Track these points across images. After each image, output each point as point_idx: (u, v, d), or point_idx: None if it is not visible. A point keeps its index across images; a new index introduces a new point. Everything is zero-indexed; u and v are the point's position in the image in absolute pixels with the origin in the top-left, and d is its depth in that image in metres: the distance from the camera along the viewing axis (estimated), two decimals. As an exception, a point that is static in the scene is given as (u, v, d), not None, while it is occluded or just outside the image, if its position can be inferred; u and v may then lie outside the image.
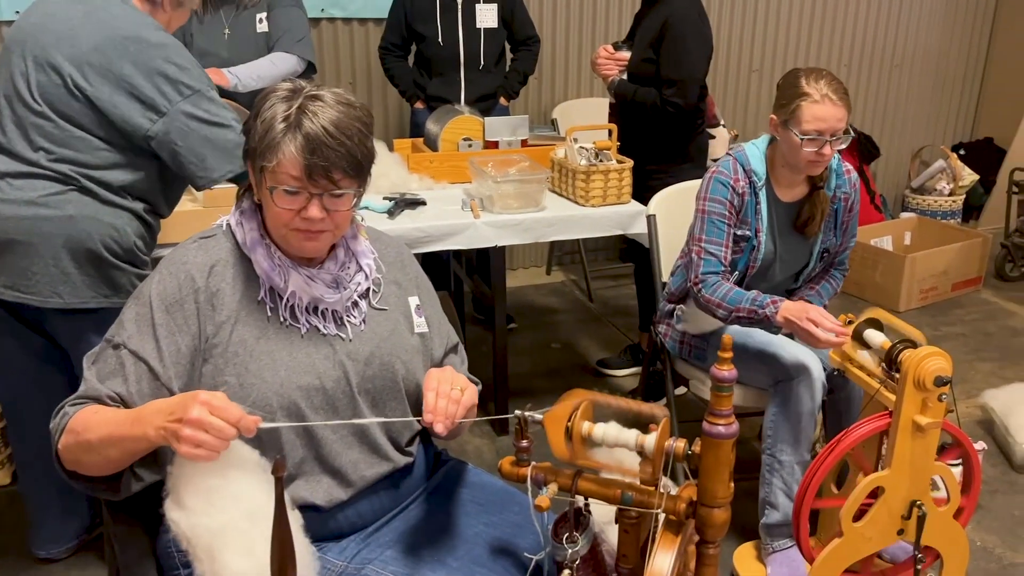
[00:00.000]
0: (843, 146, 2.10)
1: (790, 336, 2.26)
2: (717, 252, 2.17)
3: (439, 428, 1.23)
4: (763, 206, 2.20)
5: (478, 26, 3.44)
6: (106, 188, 1.88)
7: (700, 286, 2.17)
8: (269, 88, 1.33)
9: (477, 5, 3.43)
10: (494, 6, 3.45)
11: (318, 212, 1.29)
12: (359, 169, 1.32)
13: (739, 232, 2.20)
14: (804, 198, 2.24)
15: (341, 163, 1.28)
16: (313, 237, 1.33)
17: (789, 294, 2.36)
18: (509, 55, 3.68)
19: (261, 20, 3.04)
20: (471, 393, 1.31)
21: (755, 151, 2.22)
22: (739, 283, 2.25)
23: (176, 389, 1.28)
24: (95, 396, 1.28)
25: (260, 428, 1.17)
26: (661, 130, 2.98)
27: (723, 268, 2.17)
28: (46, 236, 1.83)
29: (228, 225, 1.40)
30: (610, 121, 3.18)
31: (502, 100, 3.61)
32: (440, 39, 3.43)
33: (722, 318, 2.16)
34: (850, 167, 2.30)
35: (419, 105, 3.58)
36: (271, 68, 2.97)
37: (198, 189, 2.01)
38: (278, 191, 1.28)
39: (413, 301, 1.52)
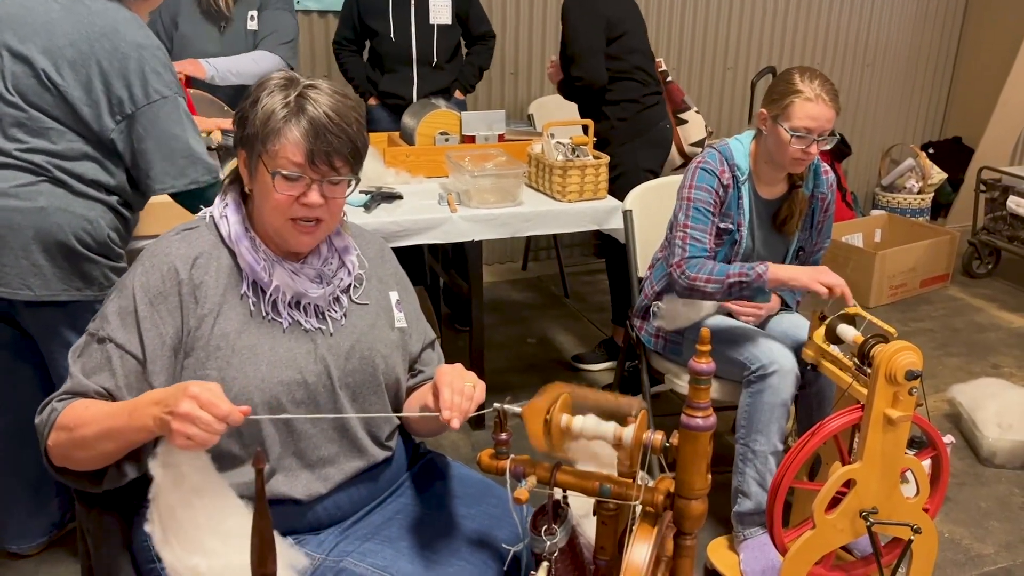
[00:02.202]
0: (828, 146, 2.14)
1: (761, 326, 2.29)
2: (702, 238, 2.18)
3: (455, 424, 1.24)
4: (745, 200, 2.23)
5: (431, 22, 3.40)
6: (79, 180, 1.86)
7: (684, 266, 2.16)
8: (263, 78, 1.34)
9: (431, 1, 3.39)
10: (448, 2, 3.41)
11: (318, 198, 1.30)
12: (357, 156, 1.34)
13: (721, 225, 2.22)
14: (783, 196, 2.28)
15: (343, 149, 1.30)
16: (310, 231, 1.34)
17: None
18: (465, 51, 3.65)
19: (252, 18, 3.00)
20: (481, 389, 1.31)
21: (739, 146, 2.24)
22: None
23: (157, 384, 1.27)
24: (82, 391, 1.27)
25: (248, 419, 1.17)
26: (591, 112, 3.13)
27: (708, 254, 2.18)
28: (16, 227, 1.80)
29: (211, 217, 1.39)
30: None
31: (458, 94, 3.58)
32: (392, 35, 3.39)
33: (713, 292, 2.14)
34: (827, 168, 2.33)
35: (372, 101, 3.54)
36: (251, 65, 2.94)
37: (147, 195, 1.96)
38: (278, 176, 1.28)
39: (393, 296, 1.52)
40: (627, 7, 3.15)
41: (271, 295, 1.35)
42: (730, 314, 2.32)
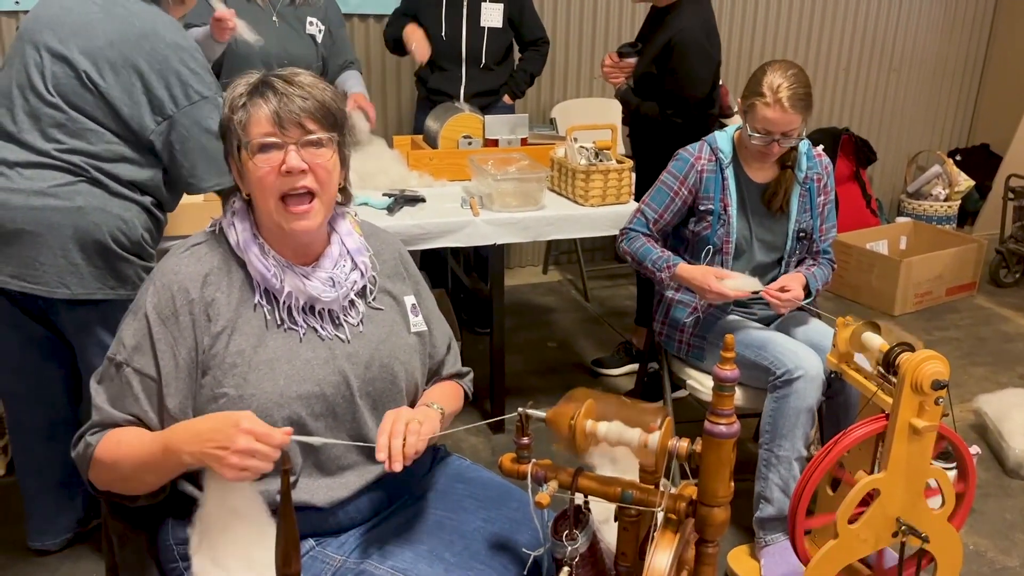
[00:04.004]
0: (790, 144, 2.22)
1: (786, 332, 2.27)
2: (650, 215, 2.37)
3: (396, 466, 1.25)
4: (730, 182, 2.31)
5: (482, 24, 3.43)
6: (116, 181, 1.89)
7: (623, 238, 2.43)
8: (233, 85, 1.34)
9: (483, 4, 3.40)
10: (500, 6, 3.43)
11: (297, 161, 1.28)
12: (329, 116, 1.32)
13: (702, 207, 2.33)
14: (775, 179, 2.34)
15: (310, 108, 1.29)
16: (304, 211, 1.31)
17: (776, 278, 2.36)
18: (518, 55, 3.67)
19: (312, 23, 3.05)
20: (430, 423, 1.32)
21: (723, 134, 2.36)
22: (721, 264, 2.32)
23: (171, 404, 1.28)
24: (111, 423, 1.29)
25: (293, 439, 1.21)
26: (668, 139, 2.99)
27: (649, 231, 2.39)
28: (55, 227, 1.83)
29: (220, 228, 1.38)
30: (624, 122, 3.19)
31: (506, 99, 3.60)
32: (443, 34, 3.43)
33: (635, 270, 2.47)
34: (821, 151, 2.41)
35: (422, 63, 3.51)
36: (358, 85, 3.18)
37: (188, 193, 2.03)
38: (256, 152, 1.28)
39: (409, 300, 1.51)
40: None
41: (284, 301, 1.34)
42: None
